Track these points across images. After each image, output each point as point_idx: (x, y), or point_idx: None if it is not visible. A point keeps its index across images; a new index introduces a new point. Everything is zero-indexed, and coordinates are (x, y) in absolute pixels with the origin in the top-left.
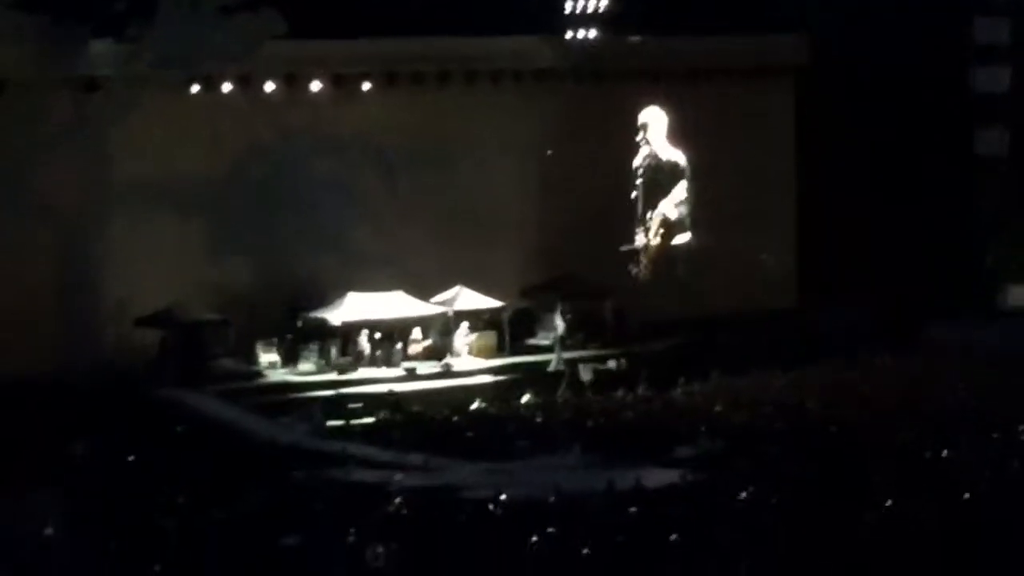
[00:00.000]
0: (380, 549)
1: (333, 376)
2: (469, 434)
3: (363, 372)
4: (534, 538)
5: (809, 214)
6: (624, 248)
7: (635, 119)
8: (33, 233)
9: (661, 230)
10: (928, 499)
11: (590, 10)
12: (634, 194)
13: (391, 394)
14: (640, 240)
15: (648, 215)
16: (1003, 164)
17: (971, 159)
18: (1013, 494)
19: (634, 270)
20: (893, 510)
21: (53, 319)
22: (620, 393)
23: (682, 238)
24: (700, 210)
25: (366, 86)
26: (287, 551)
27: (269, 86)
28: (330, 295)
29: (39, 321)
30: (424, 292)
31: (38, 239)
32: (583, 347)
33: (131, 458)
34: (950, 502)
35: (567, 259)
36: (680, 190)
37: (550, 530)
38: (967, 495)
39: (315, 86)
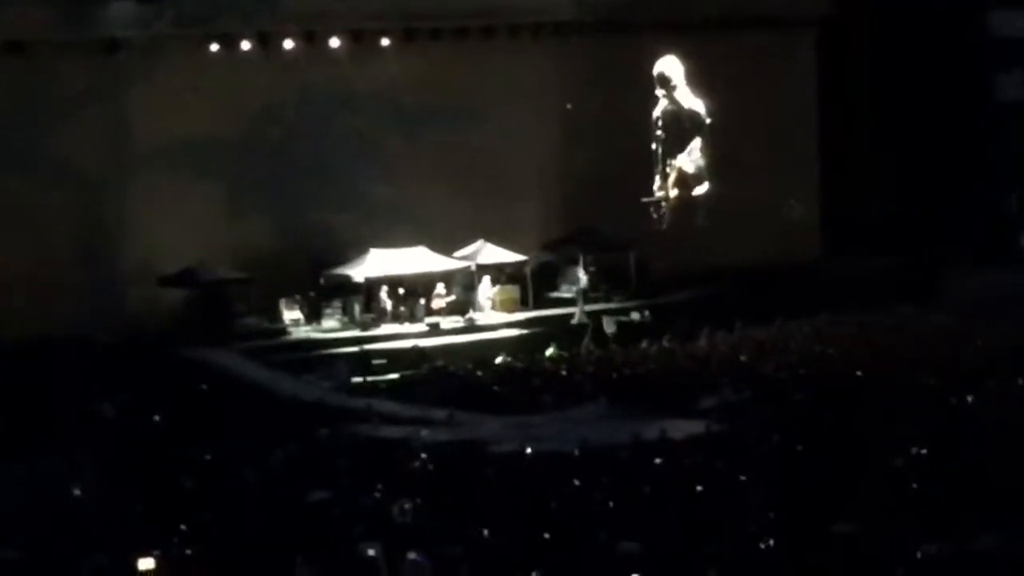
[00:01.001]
0: (407, 504)
1: (356, 332)
2: (494, 388)
3: (386, 328)
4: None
5: (831, 164)
6: (644, 200)
7: (655, 71)
8: (56, 195)
9: (679, 181)
10: (953, 444)
11: None
12: (654, 145)
13: (415, 349)
14: (659, 191)
15: (668, 166)
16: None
17: (992, 105)
18: None
19: (655, 221)
20: (919, 456)
21: (77, 280)
22: (644, 345)
23: (701, 189)
24: (721, 161)
25: (385, 42)
26: (314, 506)
27: (288, 43)
28: (352, 251)
29: (63, 282)
30: (446, 247)
31: (61, 201)
32: (606, 299)
33: (157, 417)
34: (974, 447)
35: (589, 211)
36: (697, 142)
37: (576, 482)
38: (991, 440)
39: (334, 43)
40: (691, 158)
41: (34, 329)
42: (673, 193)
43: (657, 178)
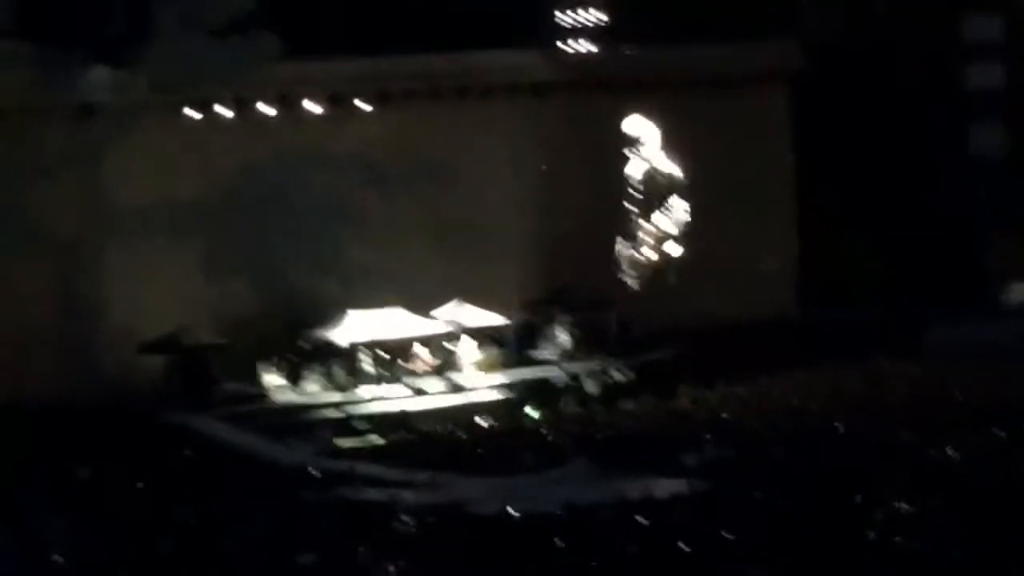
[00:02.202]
0: (391, 567)
1: (338, 396)
2: (476, 450)
3: (368, 391)
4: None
5: (808, 219)
6: (621, 259)
7: (630, 130)
8: (33, 260)
9: (657, 240)
10: (936, 497)
11: (582, 23)
12: (629, 204)
13: (401, 412)
14: (636, 250)
15: (644, 225)
16: (1000, 162)
17: (968, 158)
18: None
19: (632, 280)
20: (901, 510)
21: (57, 345)
22: (626, 403)
23: (679, 248)
24: (698, 219)
25: (360, 104)
26: (301, 570)
27: (264, 107)
28: (330, 314)
29: (43, 347)
30: (424, 308)
31: (39, 266)
32: (587, 359)
33: (139, 483)
34: (958, 499)
35: (567, 271)
36: (676, 201)
37: (560, 543)
38: (974, 492)
39: (309, 106)
40: (669, 216)
41: (11, 394)
42: (651, 252)
43: (634, 237)
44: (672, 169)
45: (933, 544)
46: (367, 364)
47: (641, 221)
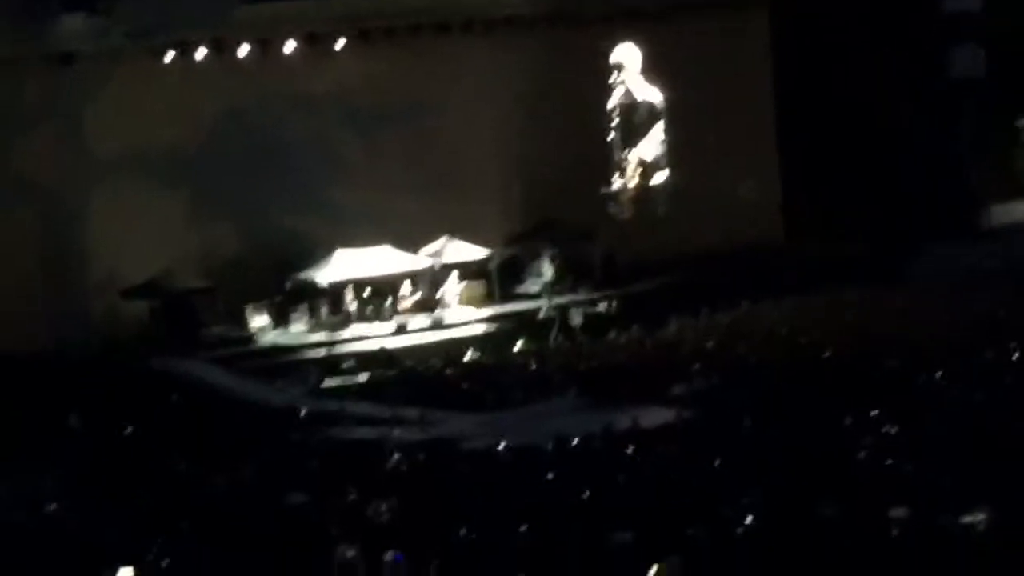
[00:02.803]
0: (382, 505)
1: (325, 336)
2: (464, 385)
3: (355, 330)
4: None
5: (790, 145)
6: (604, 190)
7: (610, 60)
8: (16, 210)
9: (640, 170)
10: (923, 422)
11: None
12: (611, 135)
13: (383, 351)
14: (619, 181)
15: (626, 155)
16: (982, 84)
17: (950, 81)
18: (1006, 412)
19: (615, 212)
20: (888, 436)
21: (42, 294)
22: (612, 335)
23: (661, 177)
24: (680, 148)
25: (340, 44)
26: (292, 510)
27: (243, 49)
28: (317, 254)
29: (28, 296)
30: (411, 245)
31: (21, 215)
32: (573, 291)
33: (128, 429)
34: (946, 423)
35: (551, 204)
36: (657, 130)
37: (550, 476)
38: (962, 415)
39: (289, 47)
40: (651, 146)
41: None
42: (633, 182)
43: (616, 168)
44: (654, 98)
45: (922, 468)
46: (353, 303)
47: (624, 152)
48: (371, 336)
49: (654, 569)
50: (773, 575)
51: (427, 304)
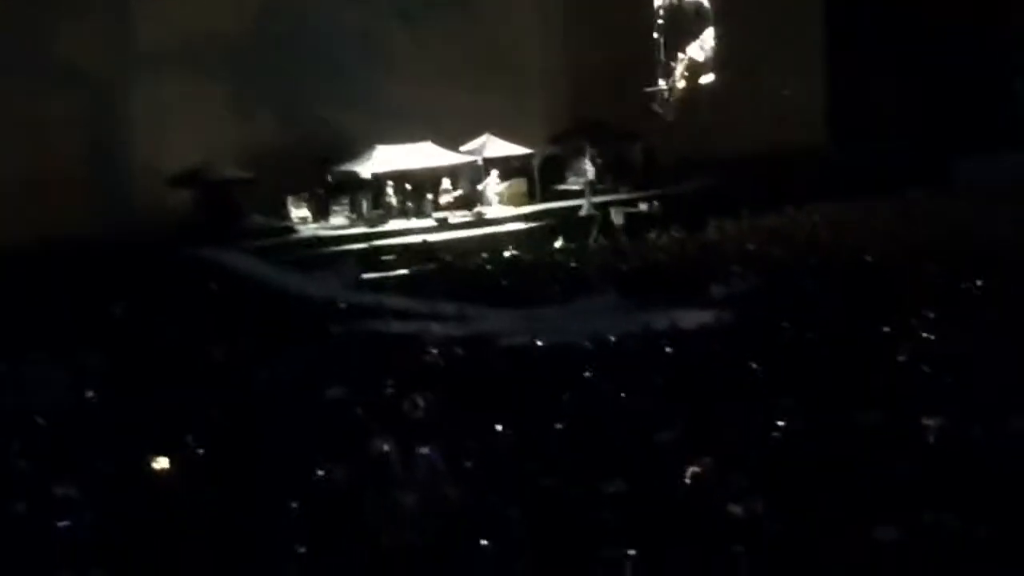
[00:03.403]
0: (419, 399)
1: (365, 229)
2: (503, 282)
3: (394, 224)
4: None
5: (837, 51)
6: (648, 90)
7: None
8: (60, 97)
9: (687, 72)
10: (963, 329)
11: None
12: (656, 35)
13: (424, 244)
14: (663, 82)
15: (672, 56)
16: None
17: None
18: None
19: (659, 112)
20: (929, 342)
21: (83, 181)
22: (653, 235)
23: (708, 78)
24: (727, 49)
25: None
26: (329, 404)
27: None
28: (358, 148)
29: (68, 184)
30: (452, 142)
31: (65, 103)
32: (614, 191)
33: (167, 317)
34: (985, 331)
35: (594, 103)
36: (708, 32)
37: (588, 374)
38: (1002, 323)
39: None
40: (702, 47)
41: (40, 231)
42: (680, 83)
43: (661, 69)
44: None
45: (961, 375)
46: (394, 197)
47: (670, 52)
48: (411, 231)
49: (692, 469)
50: (809, 479)
51: (468, 200)
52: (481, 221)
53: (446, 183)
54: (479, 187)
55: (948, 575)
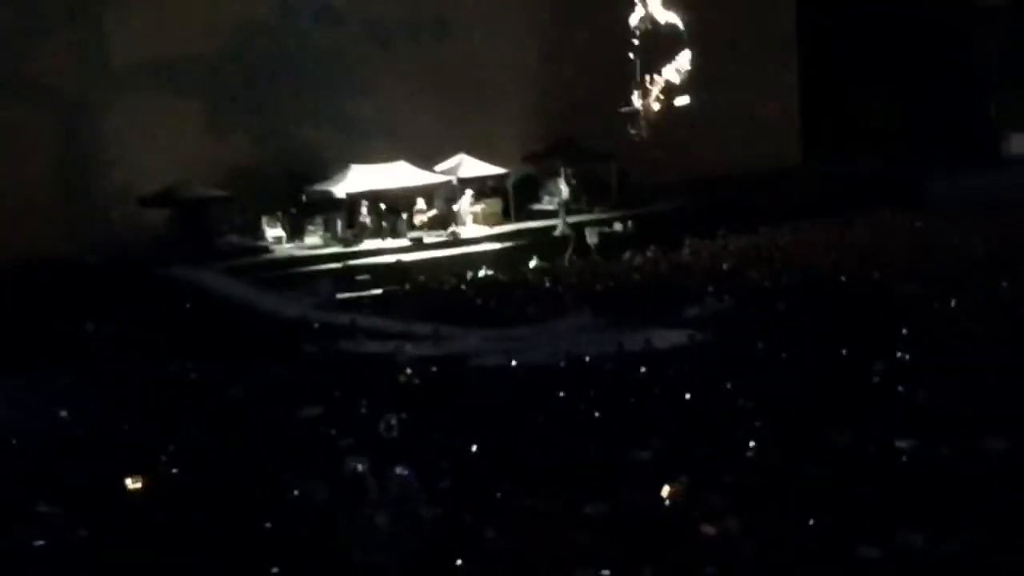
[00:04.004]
0: (393, 419)
1: (339, 249)
2: (477, 302)
3: (369, 243)
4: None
5: (811, 71)
6: (623, 108)
7: None
8: (34, 117)
9: (660, 91)
10: (937, 348)
11: None
12: (631, 56)
13: (398, 264)
14: (638, 102)
15: (646, 76)
16: (1004, 10)
17: (972, 6)
18: (1019, 339)
19: (634, 132)
20: (903, 361)
21: (57, 201)
22: (627, 255)
23: (683, 99)
24: (701, 70)
25: None
26: (304, 422)
27: None
28: (333, 168)
29: (45, 204)
30: (426, 162)
31: (39, 123)
32: (588, 211)
33: (141, 337)
34: (960, 349)
35: (569, 123)
36: (683, 53)
37: (562, 395)
38: (976, 342)
39: None
40: (671, 67)
41: (14, 251)
42: (655, 104)
43: (636, 88)
44: (675, 19)
45: (935, 394)
46: (368, 217)
47: (645, 73)
48: (386, 250)
49: (666, 489)
50: (783, 498)
51: (442, 220)
52: (456, 241)
53: (421, 203)
54: (454, 207)
55: None
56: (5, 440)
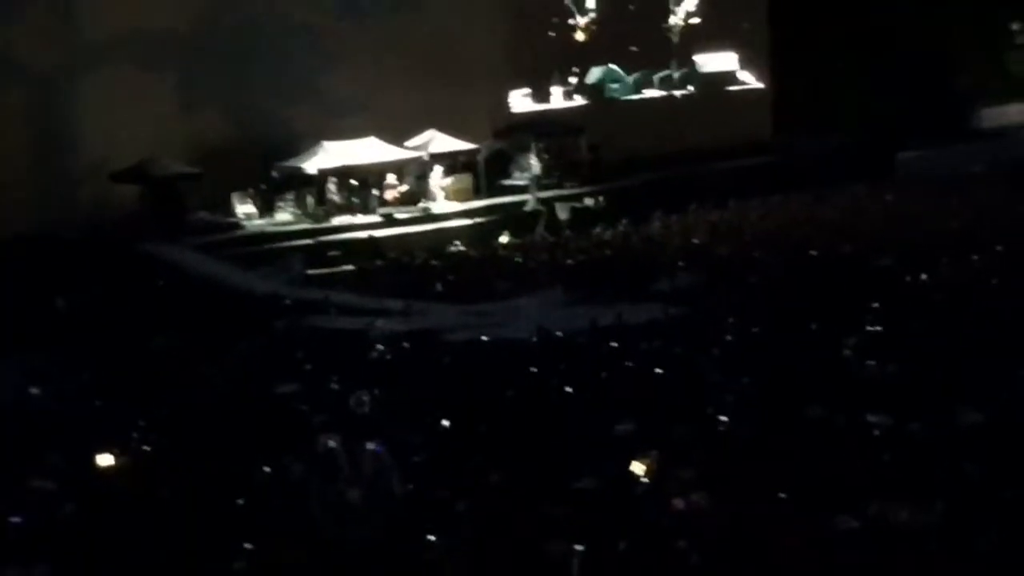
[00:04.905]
0: (364, 395)
1: (310, 225)
2: (448, 277)
3: (340, 219)
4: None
5: (782, 44)
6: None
7: None
8: (5, 93)
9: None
10: (909, 321)
11: None
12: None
13: (370, 239)
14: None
15: None
16: None
17: None
18: (991, 312)
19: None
20: (874, 334)
21: (29, 177)
22: (598, 230)
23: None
24: (671, 45)
25: None
26: (276, 399)
27: None
28: (304, 143)
29: (15, 180)
30: (397, 137)
31: (10, 99)
32: (559, 186)
33: (113, 313)
34: (930, 323)
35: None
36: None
37: (533, 370)
38: (946, 314)
39: None
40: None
41: None
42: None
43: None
44: None
45: (906, 367)
46: (339, 193)
47: None
48: (357, 226)
49: (635, 465)
50: (755, 474)
51: (413, 196)
52: (427, 217)
53: (391, 178)
54: (424, 182)
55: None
56: None
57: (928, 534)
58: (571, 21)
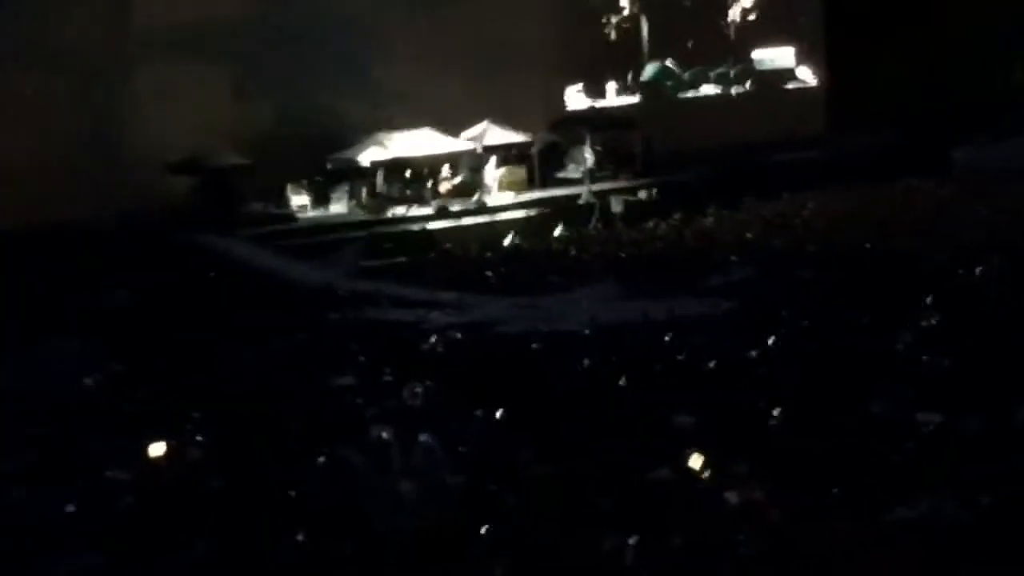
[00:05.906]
0: (417, 387)
1: (364, 216)
2: (502, 270)
3: (394, 211)
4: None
5: (837, 39)
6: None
7: None
8: (59, 83)
9: None
10: (962, 316)
11: None
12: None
13: (423, 231)
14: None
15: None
16: None
17: None
18: None
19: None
20: (928, 328)
21: (82, 168)
22: (651, 224)
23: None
24: (728, 39)
25: None
26: (327, 391)
27: None
28: (358, 135)
29: (68, 171)
30: (452, 129)
31: (64, 89)
32: (613, 179)
33: (167, 303)
34: (984, 318)
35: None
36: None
37: (586, 363)
38: (1001, 310)
39: None
40: None
41: (40, 218)
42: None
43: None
44: None
45: (960, 362)
46: (393, 184)
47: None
48: (410, 217)
49: (693, 458)
50: (808, 468)
51: (467, 188)
52: (481, 209)
53: (446, 170)
54: (479, 174)
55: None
56: (33, 405)
57: (976, 530)
58: (613, 18)
